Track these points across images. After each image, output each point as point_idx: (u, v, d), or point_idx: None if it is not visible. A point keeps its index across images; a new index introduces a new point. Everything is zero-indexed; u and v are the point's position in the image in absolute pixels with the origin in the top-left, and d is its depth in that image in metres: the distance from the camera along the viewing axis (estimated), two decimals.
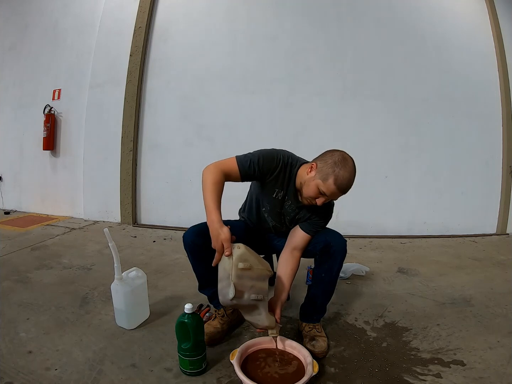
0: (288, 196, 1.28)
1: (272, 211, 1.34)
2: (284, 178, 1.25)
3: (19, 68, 3.72)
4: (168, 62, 3.22)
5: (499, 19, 3.14)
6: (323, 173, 1.13)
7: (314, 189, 1.15)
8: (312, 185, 1.16)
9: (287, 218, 1.33)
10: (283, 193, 1.27)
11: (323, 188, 1.13)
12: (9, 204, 3.83)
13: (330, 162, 1.14)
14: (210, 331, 1.34)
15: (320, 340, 1.29)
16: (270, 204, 1.32)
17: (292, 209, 1.31)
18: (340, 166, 1.12)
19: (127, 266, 1.57)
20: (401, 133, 3.10)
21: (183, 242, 1.28)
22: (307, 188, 1.18)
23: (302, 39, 3.08)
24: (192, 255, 1.29)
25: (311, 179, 1.16)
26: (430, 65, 3.08)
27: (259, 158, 1.21)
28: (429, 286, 1.95)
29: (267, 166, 1.22)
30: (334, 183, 1.11)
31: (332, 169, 1.12)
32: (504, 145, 3.14)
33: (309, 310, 1.38)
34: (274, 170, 1.23)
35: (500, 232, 3.17)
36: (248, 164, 1.21)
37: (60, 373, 1.15)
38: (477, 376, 1.16)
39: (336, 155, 1.16)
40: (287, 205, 1.30)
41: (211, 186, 1.13)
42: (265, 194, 1.30)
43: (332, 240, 1.26)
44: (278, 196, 1.28)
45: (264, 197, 1.32)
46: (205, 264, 1.20)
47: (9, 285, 1.84)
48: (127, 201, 3.26)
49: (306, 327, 1.36)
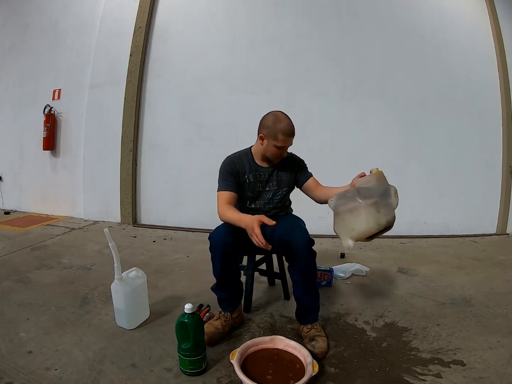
0: (257, 172, 1.49)
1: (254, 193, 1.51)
2: (245, 165, 1.49)
3: (19, 68, 3.72)
4: (168, 62, 3.22)
5: (499, 19, 3.13)
6: (271, 135, 1.39)
7: (274, 149, 1.42)
8: (271, 148, 1.42)
9: (270, 184, 1.52)
10: (252, 174, 1.49)
11: (279, 143, 1.40)
12: (9, 204, 3.83)
13: (270, 124, 1.40)
14: (210, 330, 1.35)
15: (319, 340, 1.30)
16: (249, 191, 1.50)
17: (270, 173, 1.51)
18: (276, 121, 1.39)
19: (127, 266, 1.57)
20: (401, 133, 3.09)
21: (213, 244, 1.33)
22: (270, 152, 1.44)
23: (302, 39, 3.08)
24: (220, 256, 1.33)
25: (267, 145, 1.42)
26: (430, 65, 3.08)
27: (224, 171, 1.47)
28: (429, 286, 1.95)
29: (232, 168, 1.46)
30: (283, 134, 1.38)
31: (274, 127, 1.39)
32: (504, 145, 3.14)
33: (300, 312, 1.41)
34: (237, 165, 1.47)
35: (500, 232, 3.17)
36: (224, 183, 1.45)
37: (60, 373, 1.15)
38: (477, 376, 1.16)
39: (268, 117, 1.42)
40: (262, 177, 1.50)
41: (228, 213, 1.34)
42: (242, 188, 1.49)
43: (292, 240, 1.32)
44: (250, 179, 1.48)
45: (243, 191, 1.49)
46: (231, 266, 1.37)
47: (9, 285, 1.84)
48: (127, 201, 3.26)
49: (304, 328, 1.38)
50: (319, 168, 1.64)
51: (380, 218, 1.10)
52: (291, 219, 1.55)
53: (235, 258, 1.41)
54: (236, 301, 1.47)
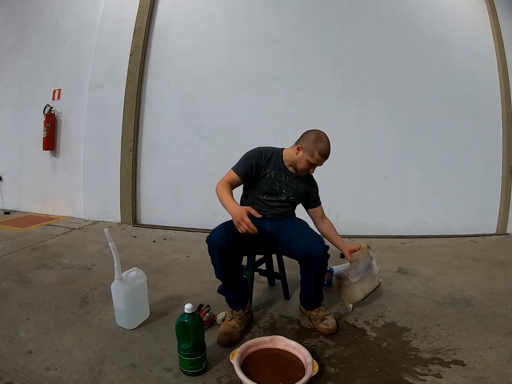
0: (281, 172, 1.56)
1: (270, 189, 1.57)
2: (270, 161, 1.55)
3: (19, 68, 3.72)
4: (168, 62, 3.22)
5: (499, 19, 3.14)
6: (309, 151, 1.48)
7: (306, 163, 1.51)
8: (303, 161, 1.51)
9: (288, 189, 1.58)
10: (275, 172, 1.55)
11: (313, 160, 1.49)
12: (9, 204, 3.83)
13: (311, 140, 1.49)
14: (230, 331, 1.36)
15: (329, 318, 1.47)
16: (266, 185, 1.55)
17: (291, 181, 1.58)
18: (318, 141, 1.48)
19: (127, 266, 1.57)
20: (401, 133, 3.10)
21: (212, 246, 1.33)
22: (301, 164, 1.52)
23: (302, 39, 3.08)
24: (221, 258, 1.33)
25: (302, 157, 1.51)
26: (430, 65, 3.08)
27: (247, 157, 1.54)
28: (429, 286, 1.95)
29: (256, 159, 1.53)
30: (319, 154, 1.48)
31: (315, 146, 1.47)
32: (504, 145, 3.14)
33: (309, 302, 1.53)
34: (262, 159, 1.53)
35: (500, 232, 3.17)
36: (240, 166, 1.52)
37: (60, 373, 1.15)
38: (477, 376, 1.16)
39: (311, 134, 1.51)
40: (284, 179, 1.57)
41: (223, 190, 1.43)
42: (260, 179, 1.55)
43: (313, 249, 1.38)
44: (271, 175, 1.54)
45: (259, 182, 1.56)
46: (233, 266, 1.39)
47: (9, 285, 1.84)
48: (127, 201, 3.26)
49: (312, 312, 1.51)
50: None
51: (365, 288, 1.55)
52: (301, 222, 1.62)
53: (235, 257, 1.41)
54: (245, 298, 1.50)
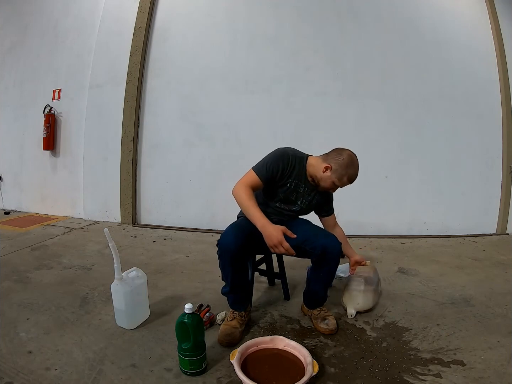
0: (301, 183, 1.49)
1: (286, 198, 1.50)
2: (294, 170, 1.46)
3: (19, 68, 3.72)
4: (168, 62, 3.22)
5: (499, 19, 3.14)
6: (337, 174, 1.42)
7: (331, 184, 1.45)
8: (329, 182, 1.44)
9: (303, 200, 1.53)
10: (295, 182, 1.47)
11: (339, 184, 1.45)
12: (9, 204, 3.83)
13: (342, 163, 1.42)
14: (231, 331, 1.35)
15: (330, 318, 1.47)
16: (284, 193, 1.48)
17: (308, 193, 1.52)
18: (350, 166, 1.42)
19: (127, 266, 1.57)
20: (401, 133, 3.09)
21: (223, 251, 1.29)
22: (325, 183, 1.45)
23: (302, 39, 3.08)
24: (232, 263, 1.31)
25: (328, 178, 1.44)
26: (430, 65, 3.08)
27: (274, 161, 1.42)
28: (429, 286, 1.95)
29: (282, 165, 1.42)
30: (348, 180, 1.44)
31: (345, 171, 1.41)
32: (504, 145, 3.14)
33: (314, 301, 1.52)
34: (288, 166, 1.44)
35: (500, 232, 3.17)
36: (265, 170, 1.40)
37: (60, 373, 1.15)
38: (477, 376, 1.16)
39: (345, 156, 1.44)
40: (302, 190, 1.50)
41: (249, 201, 1.32)
42: (280, 186, 1.47)
43: (329, 246, 1.37)
44: (291, 185, 1.47)
45: (278, 189, 1.48)
46: (242, 271, 1.40)
47: (9, 285, 1.84)
48: (127, 201, 3.26)
49: (314, 311, 1.51)
50: None
51: (375, 299, 1.64)
52: (307, 222, 1.58)
53: (245, 261, 1.42)
54: (249, 299, 1.51)
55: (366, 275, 1.65)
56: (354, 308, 1.57)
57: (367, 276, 1.64)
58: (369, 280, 1.62)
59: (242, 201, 1.32)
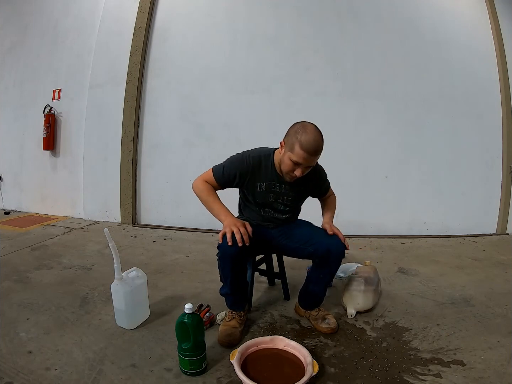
0: (274, 182, 1.37)
1: (265, 202, 1.42)
2: (260, 171, 1.34)
3: (19, 68, 3.72)
4: (168, 62, 3.22)
5: (499, 19, 3.13)
6: (289, 145, 1.22)
7: (288, 163, 1.23)
8: (285, 159, 1.24)
9: (285, 198, 1.41)
10: (266, 183, 1.37)
11: (295, 158, 1.20)
12: (9, 204, 3.83)
13: (291, 132, 1.24)
14: (231, 331, 1.35)
15: (330, 317, 1.47)
16: (259, 198, 1.41)
17: (286, 188, 1.39)
18: (301, 133, 1.20)
19: (127, 266, 1.57)
20: (401, 133, 3.09)
21: (224, 253, 1.28)
22: (283, 165, 1.27)
23: (302, 39, 3.07)
24: (232, 265, 1.30)
25: (284, 156, 1.25)
26: (430, 65, 3.08)
27: (230, 165, 1.35)
28: (429, 286, 1.95)
29: (240, 170, 1.34)
30: (301, 148, 1.19)
31: (295, 137, 1.20)
32: (504, 145, 3.14)
33: (313, 302, 1.51)
34: (247, 170, 1.33)
35: (500, 232, 3.17)
36: (221, 174, 1.34)
37: (60, 373, 1.15)
38: (477, 376, 1.16)
39: (295, 126, 1.25)
40: (278, 189, 1.38)
41: (209, 197, 1.30)
42: (250, 192, 1.40)
43: (333, 247, 1.33)
44: (262, 189, 1.38)
45: (251, 197, 1.42)
46: (242, 273, 1.39)
47: (9, 285, 1.84)
48: (127, 201, 3.26)
49: (312, 312, 1.50)
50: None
51: (375, 299, 1.63)
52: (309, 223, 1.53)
53: (245, 263, 1.42)
54: (247, 299, 1.51)
55: (366, 275, 1.67)
56: (354, 308, 1.57)
57: (367, 276, 1.66)
58: (369, 280, 1.64)
59: (201, 194, 1.32)
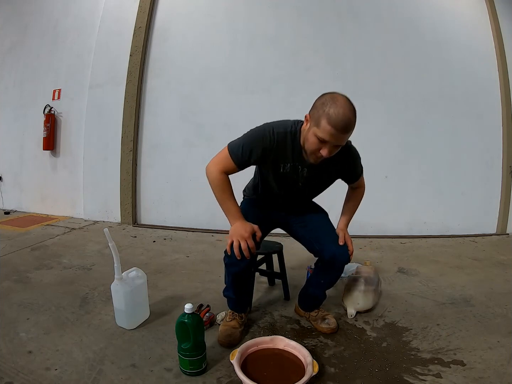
0: (298, 164, 1.17)
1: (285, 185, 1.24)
2: (286, 150, 1.13)
3: (19, 68, 3.72)
4: (168, 62, 3.22)
5: (499, 19, 3.13)
6: (314, 119, 1.02)
7: (314, 140, 1.03)
8: (310, 136, 1.04)
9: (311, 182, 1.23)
10: (290, 165, 1.17)
11: (320, 134, 1.00)
12: (9, 204, 3.83)
13: (318, 105, 1.03)
14: (231, 332, 1.34)
15: (330, 317, 1.46)
16: (281, 179, 1.22)
17: (312, 173, 1.19)
18: (329, 105, 1.00)
19: (127, 266, 1.57)
20: (401, 133, 3.09)
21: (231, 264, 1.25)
22: (308, 143, 1.06)
23: (302, 39, 3.07)
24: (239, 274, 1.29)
25: (308, 131, 1.05)
26: (430, 65, 3.08)
27: (253, 141, 1.13)
28: (429, 286, 1.95)
29: (263, 149, 1.12)
30: (328, 123, 0.98)
31: (322, 110, 1.00)
32: (504, 145, 3.13)
33: (312, 305, 1.50)
34: (271, 147, 1.12)
35: (500, 232, 3.17)
36: (240, 152, 1.15)
37: (60, 373, 1.15)
38: (477, 376, 1.16)
39: (323, 97, 1.05)
40: (302, 172, 1.19)
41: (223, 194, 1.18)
42: (271, 172, 1.21)
43: (338, 255, 1.29)
44: (286, 170, 1.18)
45: (271, 174, 1.22)
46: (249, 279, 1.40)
47: (9, 285, 1.84)
48: (127, 201, 3.26)
49: (312, 313, 1.49)
50: None
51: (375, 299, 1.64)
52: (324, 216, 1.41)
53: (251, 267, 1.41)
54: (250, 302, 1.51)
55: (366, 275, 1.67)
56: (354, 308, 1.58)
57: (367, 276, 1.66)
58: (369, 280, 1.64)
59: (215, 191, 1.18)
